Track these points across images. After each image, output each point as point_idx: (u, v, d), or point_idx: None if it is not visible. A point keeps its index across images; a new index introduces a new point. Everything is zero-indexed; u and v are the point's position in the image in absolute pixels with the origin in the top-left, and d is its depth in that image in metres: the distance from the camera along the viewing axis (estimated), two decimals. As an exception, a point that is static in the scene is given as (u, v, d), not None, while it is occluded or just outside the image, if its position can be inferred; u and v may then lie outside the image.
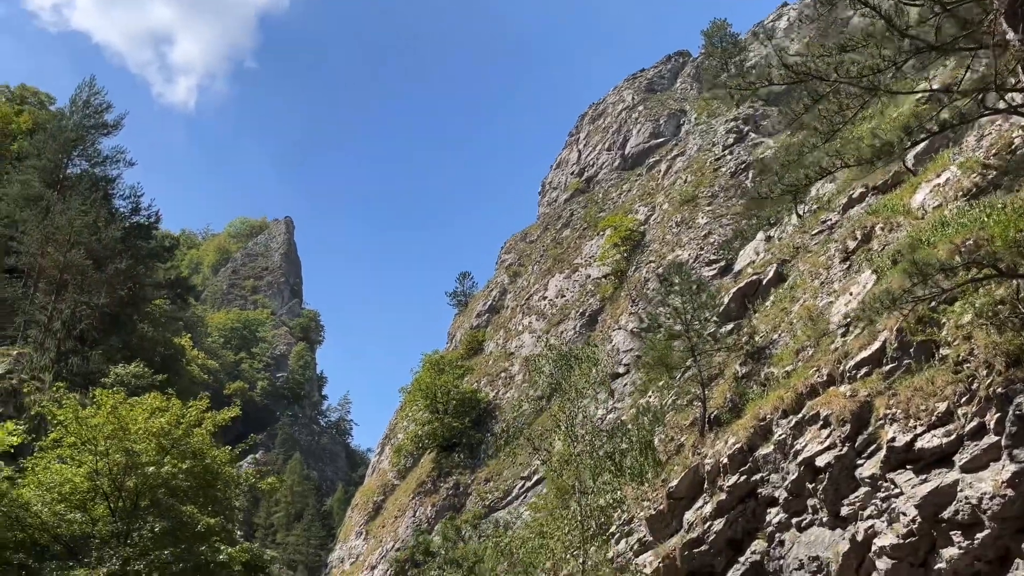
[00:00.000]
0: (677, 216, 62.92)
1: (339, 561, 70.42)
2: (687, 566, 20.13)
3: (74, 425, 19.03)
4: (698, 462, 21.03)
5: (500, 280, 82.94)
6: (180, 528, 19.05)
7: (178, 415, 20.49)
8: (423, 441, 65.11)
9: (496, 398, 66.54)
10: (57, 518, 18.50)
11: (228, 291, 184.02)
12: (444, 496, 60.44)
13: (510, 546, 18.10)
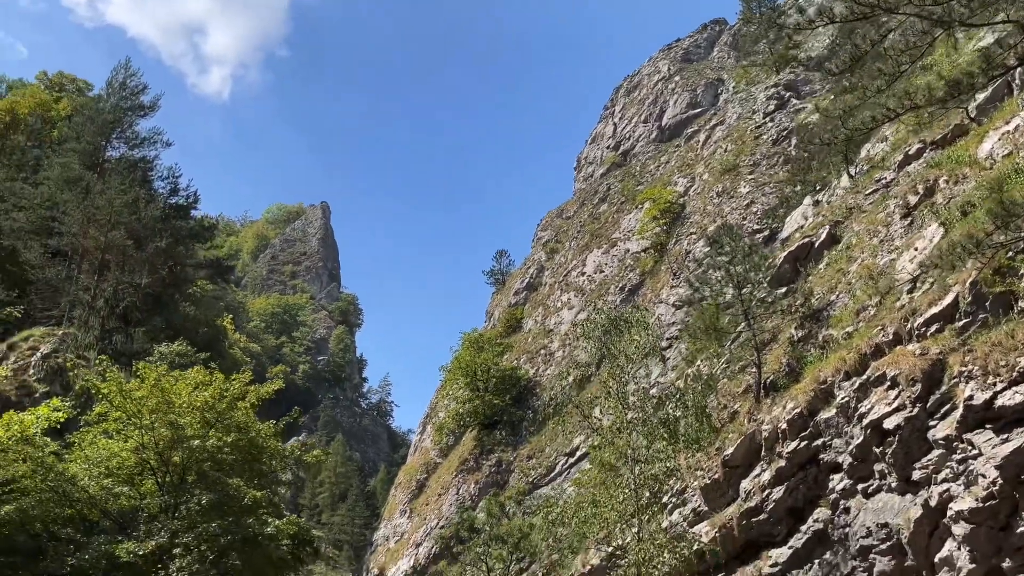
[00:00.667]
0: (718, 186, 61.45)
1: (384, 539, 70.85)
2: (745, 536, 19.42)
3: (118, 398, 18.88)
4: (754, 429, 20.25)
5: (537, 257, 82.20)
6: (227, 501, 18.85)
7: (221, 389, 20.26)
8: (464, 419, 64.92)
9: (536, 375, 66.03)
10: (104, 492, 18.39)
11: (268, 277, 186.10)
12: (487, 473, 60.26)
13: (561, 516, 17.46)
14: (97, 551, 16.62)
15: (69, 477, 17.73)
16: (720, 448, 20.93)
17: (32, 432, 18.39)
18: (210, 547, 17.09)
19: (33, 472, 17.33)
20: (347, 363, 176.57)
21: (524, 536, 45.77)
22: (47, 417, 19.55)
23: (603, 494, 17.63)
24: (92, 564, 16.21)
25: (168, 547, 17.30)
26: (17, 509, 16.86)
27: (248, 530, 18.37)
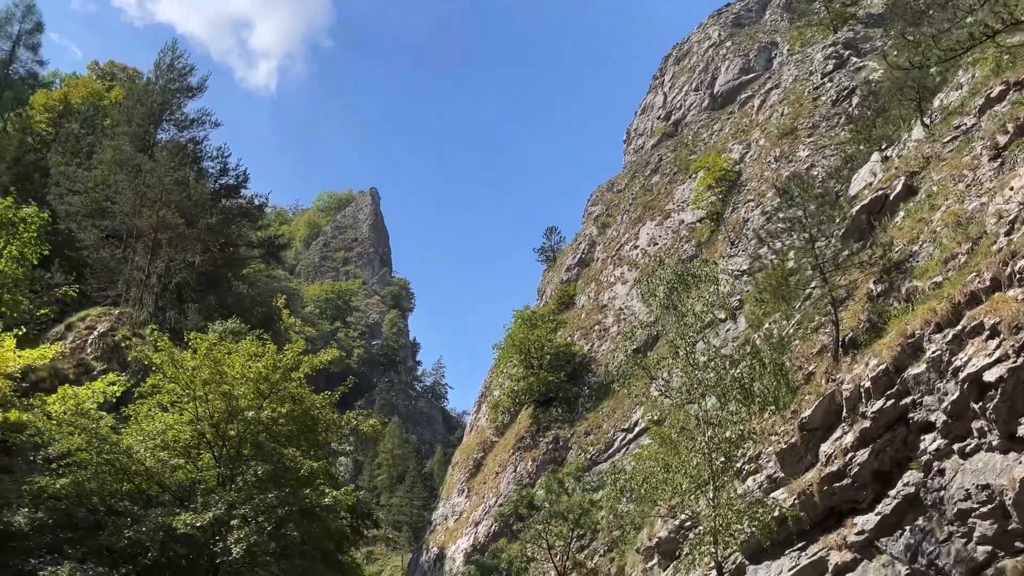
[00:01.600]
0: (775, 151, 59.28)
1: (443, 518, 70.84)
2: (826, 502, 18.20)
3: (171, 369, 18.55)
4: (834, 389, 18.94)
5: (588, 232, 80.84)
6: (284, 472, 18.43)
7: (274, 360, 19.79)
8: (519, 397, 64.27)
9: (591, 351, 64.96)
10: (161, 465, 18.11)
11: (320, 264, 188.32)
12: (544, 451, 59.56)
13: (630, 483, 16.50)
14: (154, 523, 16.30)
15: (124, 449, 17.44)
16: (796, 411, 19.68)
17: (88, 406, 18.17)
18: (267, 518, 16.64)
19: (88, 444, 17.08)
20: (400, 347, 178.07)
21: (585, 512, 44.92)
22: (103, 391, 19.36)
23: (675, 459, 16.61)
24: (149, 536, 15.89)
25: (225, 519, 16.91)
26: (73, 482, 16.65)
27: (305, 501, 17.88)
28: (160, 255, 32.68)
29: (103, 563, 15.91)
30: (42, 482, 16.44)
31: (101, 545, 16.21)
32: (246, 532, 16.25)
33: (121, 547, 16.18)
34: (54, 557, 15.58)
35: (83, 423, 17.15)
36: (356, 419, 20.97)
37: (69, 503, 16.74)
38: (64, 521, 17.03)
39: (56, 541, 16.13)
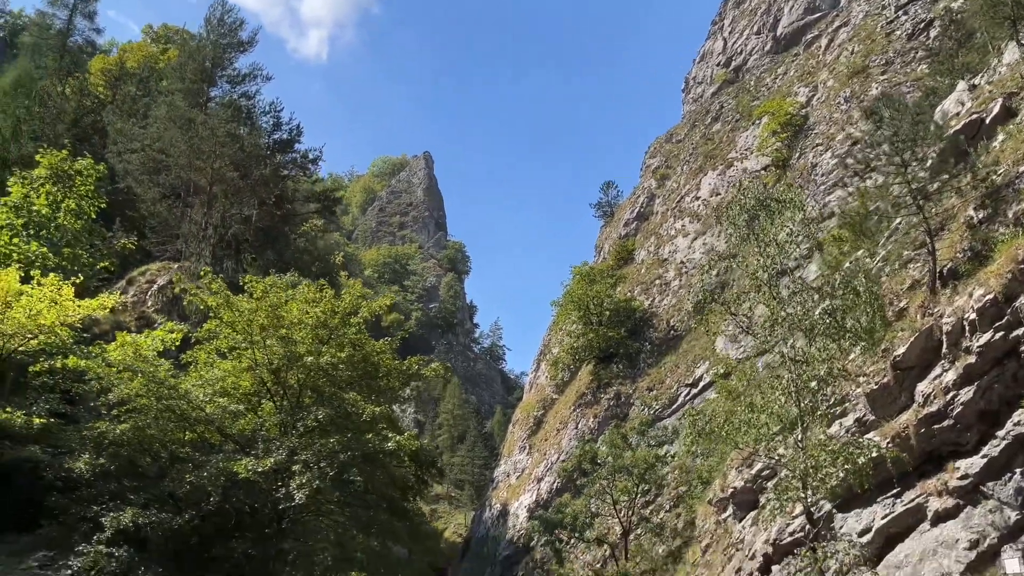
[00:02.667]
0: (845, 91, 56.16)
1: (504, 475, 70.84)
2: (924, 445, 16.77)
3: (227, 313, 18.07)
4: (931, 323, 17.37)
5: (647, 185, 78.67)
6: (345, 418, 17.86)
7: (332, 305, 19.14)
8: (579, 353, 63.29)
9: (652, 306, 63.45)
10: (221, 412, 17.70)
11: (377, 229, 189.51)
12: (605, 407, 58.66)
13: (710, 425, 15.37)
14: (215, 468, 15.90)
15: (183, 394, 17.05)
16: (888, 349, 18.19)
17: (147, 353, 17.84)
18: (329, 464, 16.09)
19: (147, 389, 16.73)
20: (458, 309, 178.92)
21: (650, 467, 43.93)
22: (161, 339, 19.03)
23: (759, 399, 15.40)
24: (211, 482, 15.50)
25: (287, 465, 16.41)
26: (134, 427, 16.33)
27: (368, 446, 17.29)
28: (215, 207, 32.48)
29: (166, 510, 15.59)
30: (102, 427, 16.16)
31: (164, 492, 15.89)
32: (308, 478, 15.72)
33: (184, 493, 15.83)
34: (117, 504, 15.32)
35: (141, 367, 16.79)
36: (417, 364, 20.28)
37: (131, 451, 16.47)
38: (127, 469, 16.80)
39: (119, 489, 15.89)
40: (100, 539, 14.40)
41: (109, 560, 14.19)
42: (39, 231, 23.64)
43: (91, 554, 14.07)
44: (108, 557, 14.16)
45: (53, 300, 18.63)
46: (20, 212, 23.26)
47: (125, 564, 14.38)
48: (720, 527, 26.09)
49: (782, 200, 16.34)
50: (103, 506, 15.14)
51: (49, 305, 18.41)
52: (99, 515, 14.88)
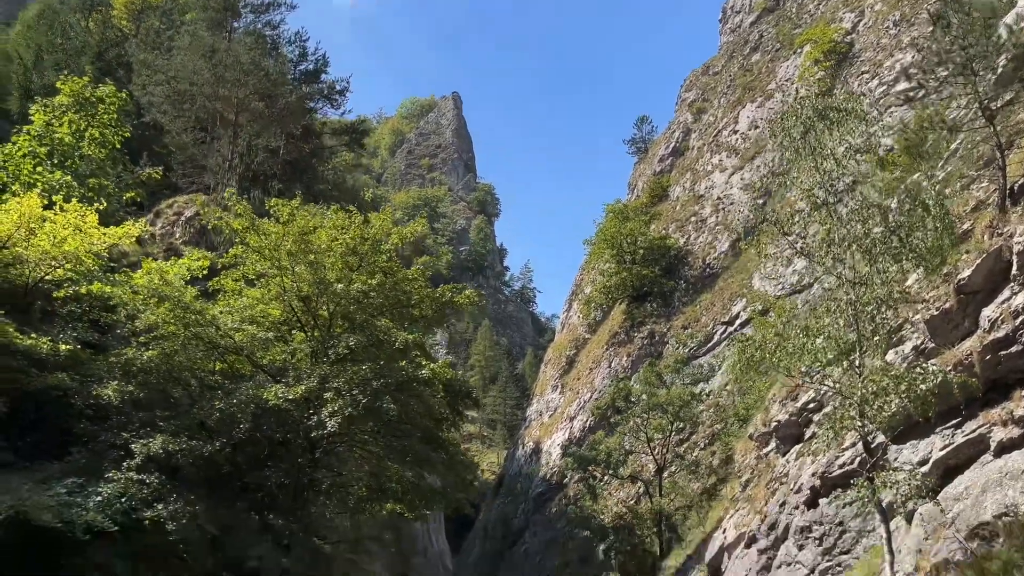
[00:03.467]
0: (894, 14, 53.26)
1: (537, 414, 70.95)
2: (988, 373, 15.77)
3: (253, 238, 17.45)
4: (1000, 244, 16.18)
5: (682, 120, 76.37)
6: (377, 346, 17.32)
7: (362, 232, 18.42)
8: (612, 292, 62.40)
9: (687, 244, 62.07)
10: (250, 340, 17.22)
11: (406, 171, 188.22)
12: (639, 346, 57.99)
13: (760, 352, 14.49)
14: (245, 395, 15.47)
15: (211, 320, 16.56)
16: (951, 272, 17.06)
17: (173, 279, 17.35)
18: (362, 391, 15.57)
19: (173, 315, 16.25)
20: (488, 252, 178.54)
21: (685, 404, 43.38)
22: (187, 266, 18.52)
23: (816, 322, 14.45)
24: (240, 409, 15.08)
25: (318, 392, 15.93)
26: (161, 355, 15.90)
27: (401, 373, 16.74)
28: (241, 136, 31.75)
29: (197, 438, 15.24)
30: (129, 353, 15.76)
31: (194, 420, 15.54)
32: (340, 405, 15.23)
33: (214, 421, 15.46)
34: (147, 431, 14.99)
35: (166, 291, 16.29)
36: (450, 291, 19.60)
37: (160, 378, 16.10)
38: (157, 397, 16.47)
39: (149, 416, 15.56)
40: (130, 466, 14.08)
41: (140, 487, 13.90)
42: (63, 161, 23.14)
43: (121, 481, 13.78)
44: (139, 484, 13.88)
45: (77, 227, 18.13)
46: (43, 141, 22.76)
47: (156, 491, 14.09)
48: (762, 462, 25.47)
49: (843, 109, 15.12)
50: (133, 433, 14.82)
51: (73, 232, 17.93)
52: (129, 442, 14.57)
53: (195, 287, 18.34)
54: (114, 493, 13.57)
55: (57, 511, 12.59)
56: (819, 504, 19.12)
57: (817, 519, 18.93)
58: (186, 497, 14.41)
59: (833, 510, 18.51)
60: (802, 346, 14.28)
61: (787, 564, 19.69)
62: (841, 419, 14.48)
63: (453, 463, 18.16)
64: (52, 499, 12.81)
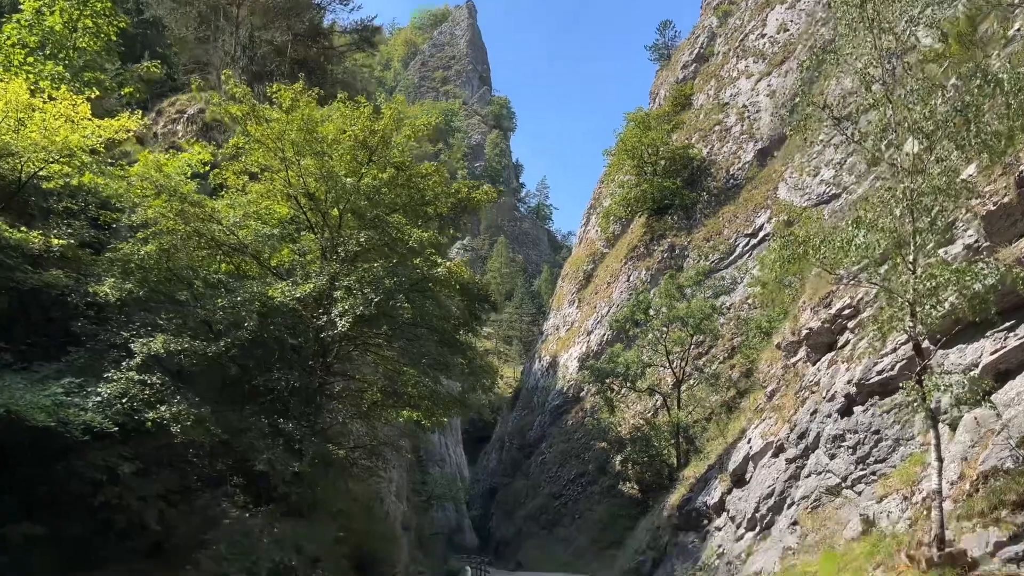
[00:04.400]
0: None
1: (554, 329, 70.58)
2: (1049, 272, 14.54)
3: (254, 127, 16.22)
4: (1071, 130, 14.67)
5: (707, 24, 72.93)
6: (390, 244, 16.27)
7: (371, 124, 17.11)
8: (632, 205, 60.86)
9: (710, 154, 60.09)
10: (255, 236, 16.19)
11: (419, 84, 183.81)
12: (658, 259, 56.87)
13: (802, 248, 13.30)
14: (249, 293, 14.55)
15: (210, 213, 15.52)
16: (1012, 164, 15.65)
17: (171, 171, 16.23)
18: (374, 290, 14.60)
19: (170, 207, 15.19)
20: (503, 168, 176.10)
21: (706, 317, 42.53)
22: (188, 162, 17.36)
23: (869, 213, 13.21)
24: (244, 307, 14.18)
25: (327, 291, 15.00)
26: (160, 250, 14.93)
27: (415, 271, 15.75)
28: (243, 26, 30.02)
29: (201, 338, 14.42)
30: (125, 248, 14.80)
31: (197, 320, 14.69)
32: (351, 304, 14.29)
33: (218, 320, 14.61)
34: (147, 331, 14.18)
35: (162, 181, 15.20)
36: (467, 187, 18.39)
37: (161, 277, 15.18)
38: (159, 297, 15.60)
39: (151, 317, 14.74)
40: (130, 366, 13.31)
41: (141, 388, 13.17)
42: (56, 52, 21.77)
43: (121, 381, 13.03)
44: (140, 385, 13.14)
45: (68, 118, 16.92)
46: (33, 30, 21.36)
47: (159, 393, 13.37)
48: (789, 371, 24.62)
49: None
50: (133, 333, 14.01)
51: (64, 124, 16.73)
52: (128, 342, 13.76)
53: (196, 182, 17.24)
54: (114, 393, 12.84)
55: (53, 411, 11.89)
56: (853, 412, 18.28)
57: (851, 427, 18.12)
58: (191, 399, 13.69)
59: (869, 418, 17.69)
60: (850, 240, 13.09)
61: (816, 473, 19.03)
62: (889, 320, 13.41)
63: (471, 367, 17.35)
64: (48, 399, 12.09)
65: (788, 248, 13.72)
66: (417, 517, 43.47)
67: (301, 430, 14.88)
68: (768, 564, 18.25)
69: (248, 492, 15.37)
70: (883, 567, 13.70)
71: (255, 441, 14.21)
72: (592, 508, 46.36)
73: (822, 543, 16.98)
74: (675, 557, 26.81)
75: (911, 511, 14.64)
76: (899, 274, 13.38)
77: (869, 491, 16.88)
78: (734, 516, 22.98)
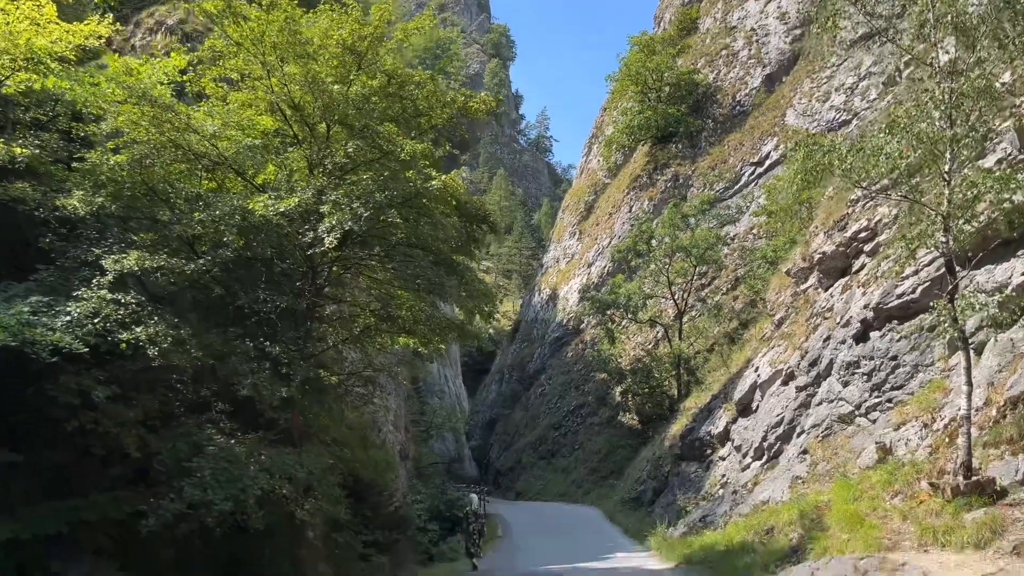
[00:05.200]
0: None
1: (554, 261, 69.64)
2: (1092, 186, 13.48)
3: (232, 27, 14.89)
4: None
5: (716, -57, 69.59)
6: (380, 157, 15.14)
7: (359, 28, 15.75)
8: (635, 133, 59.17)
9: (717, 79, 58.19)
10: (236, 148, 15.04)
11: (415, 11, 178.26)
12: (662, 189, 55.60)
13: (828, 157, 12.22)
14: (229, 206, 13.51)
15: (187, 120, 14.33)
16: (1055, 69, 14.42)
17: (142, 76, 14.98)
18: (363, 204, 13.55)
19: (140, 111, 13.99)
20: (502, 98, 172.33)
21: (709, 247, 41.58)
22: (163, 69, 16.07)
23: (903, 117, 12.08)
24: (224, 221, 13.16)
25: (314, 205, 13.94)
26: (132, 160, 13.80)
27: (408, 185, 14.66)
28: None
29: (179, 255, 13.45)
30: (95, 158, 13.68)
31: (175, 236, 13.68)
32: (339, 219, 13.25)
33: (196, 236, 13.61)
34: (121, 247, 13.19)
35: (132, 83, 13.99)
36: (463, 96, 17.15)
37: (135, 190, 14.11)
38: (135, 213, 14.57)
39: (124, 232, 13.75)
40: (101, 283, 12.35)
41: (115, 308, 12.24)
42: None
43: (92, 300, 12.09)
44: (113, 304, 12.21)
45: (33, 20, 15.60)
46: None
47: (134, 313, 12.45)
48: (799, 298, 23.78)
49: None
50: (105, 249, 13.03)
51: (29, 25, 15.42)
52: (100, 258, 12.78)
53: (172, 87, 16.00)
54: (84, 313, 11.91)
55: (17, 331, 11.00)
56: (869, 338, 17.48)
57: (866, 354, 17.34)
58: (169, 320, 12.79)
59: (886, 343, 16.88)
60: (881, 147, 12.00)
61: (828, 401, 18.34)
62: (919, 236, 12.43)
63: (469, 290, 16.41)
64: (12, 318, 11.19)
65: (812, 158, 12.64)
66: (416, 447, 43.29)
67: (289, 354, 14.03)
68: (776, 493, 17.71)
69: (235, 419, 14.63)
70: (902, 496, 13.05)
71: (239, 365, 13.38)
72: (591, 439, 46.24)
73: (834, 472, 16.37)
74: (677, 486, 26.47)
75: (931, 439, 13.93)
76: (933, 185, 12.35)
77: (884, 419, 16.19)
78: (739, 446, 22.44)
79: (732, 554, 15.91)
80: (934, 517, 11.78)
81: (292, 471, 13.69)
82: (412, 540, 26.12)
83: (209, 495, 12.21)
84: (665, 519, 24.22)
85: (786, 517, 15.48)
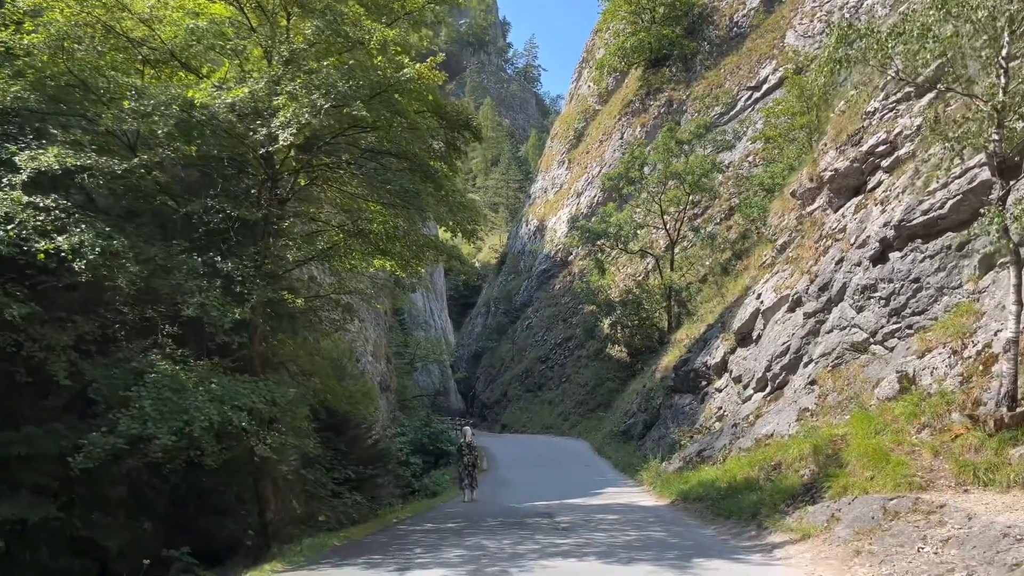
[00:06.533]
0: None
1: (542, 191, 67.55)
2: None
3: None
4: None
5: None
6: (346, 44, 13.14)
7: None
8: (628, 56, 56.52)
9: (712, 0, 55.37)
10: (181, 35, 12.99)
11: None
12: (655, 115, 53.39)
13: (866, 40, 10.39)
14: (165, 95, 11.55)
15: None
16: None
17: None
18: (324, 96, 11.66)
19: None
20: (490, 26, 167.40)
21: (705, 173, 39.74)
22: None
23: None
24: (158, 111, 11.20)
25: (267, 97, 12.03)
26: (49, 40, 11.75)
27: (376, 73, 12.74)
28: None
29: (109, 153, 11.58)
30: (4, 36, 11.65)
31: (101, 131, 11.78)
32: (294, 111, 11.39)
33: (128, 131, 11.73)
34: (41, 143, 11.31)
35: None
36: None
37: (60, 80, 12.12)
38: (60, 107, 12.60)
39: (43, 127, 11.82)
40: (12, 183, 10.52)
41: (32, 213, 10.46)
42: None
43: (5, 203, 10.30)
44: (29, 208, 10.43)
45: None
46: None
47: (57, 220, 10.66)
48: (805, 221, 22.16)
49: None
50: (21, 146, 11.15)
51: None
52: (14, 154, 10.91)
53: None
54: (-5, 218, 10.15)
55: (-90, 237, 9.25)
56: (889, 259, 15.92)
57: (885, 276, 15.82)
58: (99, 229, 11.00)
59: (907, 264, 15.34)
60: (928, 28, 10.19)
61: (840, 328, 16.89)
62: (966, 135, 10.75)
63: (449, 203, 14.63)
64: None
65: (848, 38, 10.81)
66: (399, 379, 42.12)
67: (244, 271, 12.32)
68: (782, 426, 16.39)
69: (186, 345, 13.01)
70: (930, 429, 11.68)
71: (184, 282, 11.66)
72: (579, 371, 45.14)
73: (846, 403, 15.02)
74: (669, 419, 25.27)
75: (962, 367, 12.51)
76: (986, 75, 10.60)
77: (904, 346, 14.75)
78: (739, 376, 21.11)
79: (735, 491, 14.65)
80: (973, 453, 10.43)
81: (249, 401, 12.15)
82: (392, 474, 24.97)
83: (150, 428, 10.67)
84: (658, 453, 23.07)
85: (795, 452, 14.15)
